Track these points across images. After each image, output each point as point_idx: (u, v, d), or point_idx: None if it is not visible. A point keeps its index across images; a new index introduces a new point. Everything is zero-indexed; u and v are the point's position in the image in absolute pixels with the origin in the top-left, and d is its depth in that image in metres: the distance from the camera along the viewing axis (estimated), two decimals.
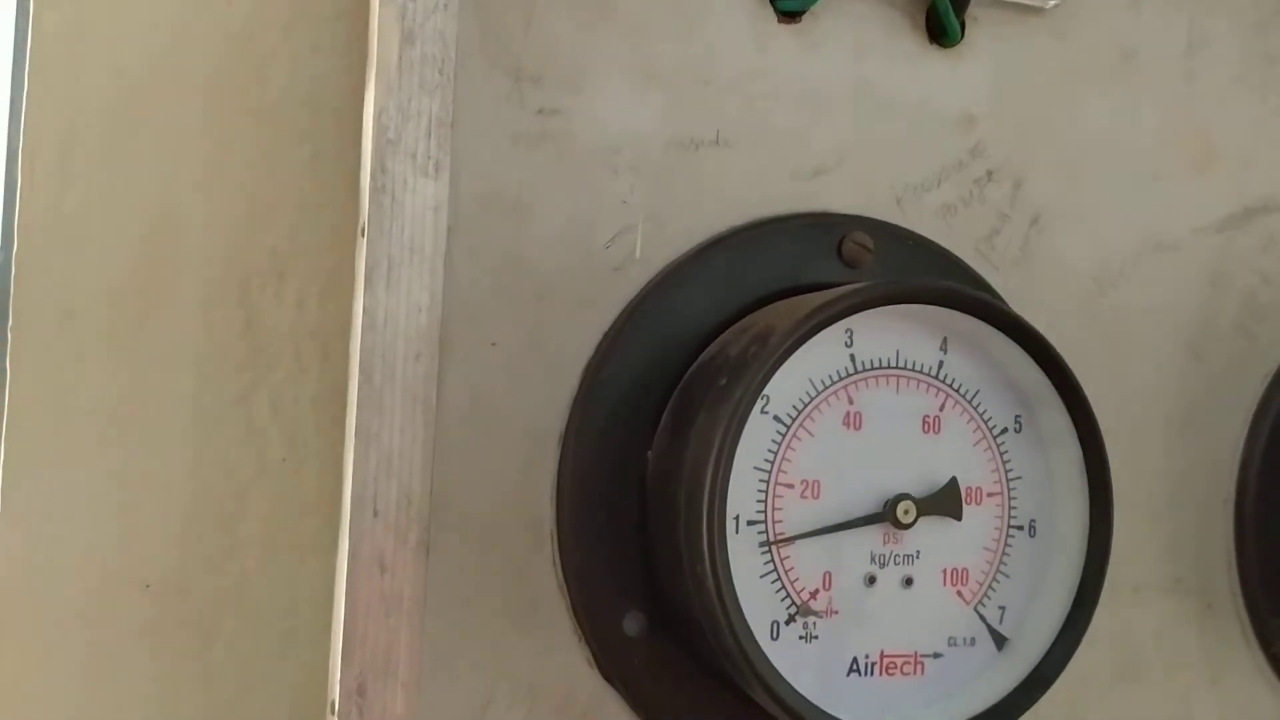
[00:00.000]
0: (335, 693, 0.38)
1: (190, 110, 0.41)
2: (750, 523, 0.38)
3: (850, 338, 0.39)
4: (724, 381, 0.38)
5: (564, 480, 0.40)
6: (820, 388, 0.39)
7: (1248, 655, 0.49)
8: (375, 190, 0.38)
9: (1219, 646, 0.49)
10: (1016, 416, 0.41)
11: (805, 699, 0.37)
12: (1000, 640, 0.41)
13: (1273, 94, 0.49)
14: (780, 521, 0.38)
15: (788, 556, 0.39)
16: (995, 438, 0.41)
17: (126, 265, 0.41)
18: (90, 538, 0.40)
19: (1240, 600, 0.49)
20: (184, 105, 0.41)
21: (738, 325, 0.41)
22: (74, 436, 0.40)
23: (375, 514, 0.38)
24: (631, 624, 0.41)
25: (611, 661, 0.41)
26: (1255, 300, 0.49)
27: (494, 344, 0.40)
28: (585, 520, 0.40)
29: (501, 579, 0.40)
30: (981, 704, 0.40)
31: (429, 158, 0.38)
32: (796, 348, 0.37)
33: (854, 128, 0.44)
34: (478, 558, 0.40)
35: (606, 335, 0.41)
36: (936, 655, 0.40)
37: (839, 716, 0.37)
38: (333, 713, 0.38)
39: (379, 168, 0.38)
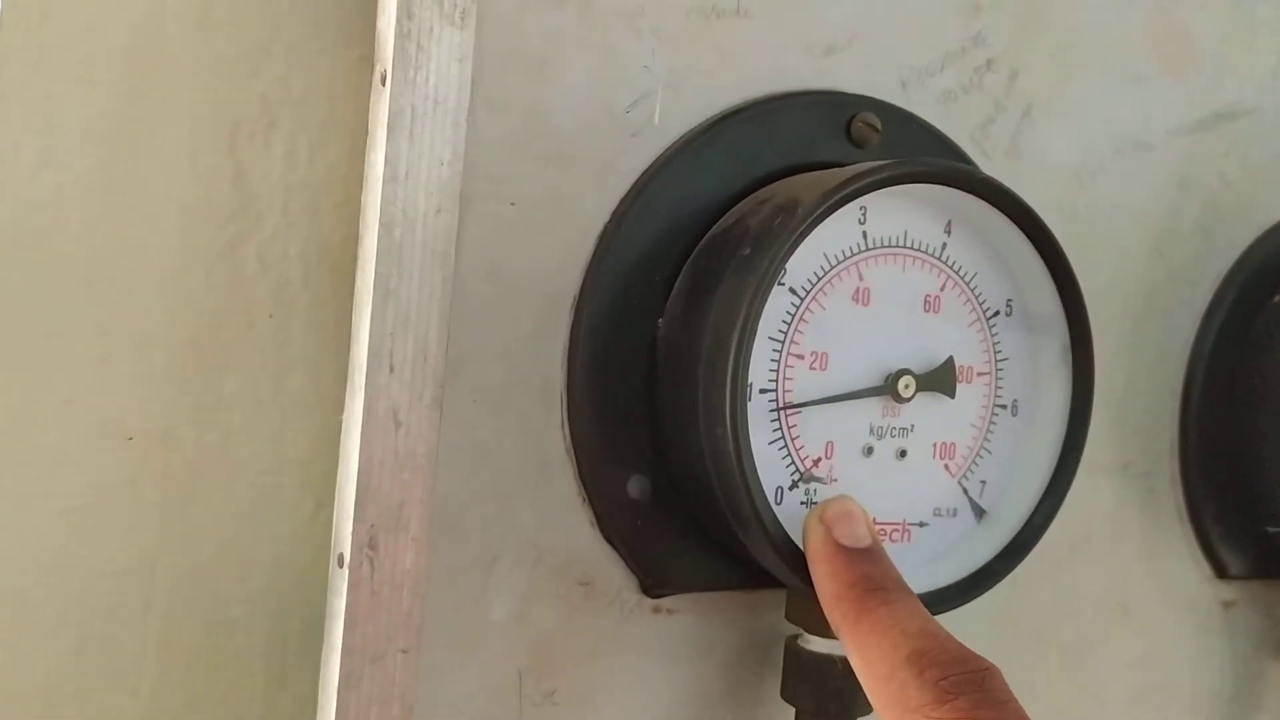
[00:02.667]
0: (345, 546, 0.38)
1: None
2: (762, 390, 0.39)
3: (864, 215, 0.40)
4: (747, 251, 0.38)
5: (575, 344, 0.41)
6: (834, 262, 0.40)
7: (1181, 535, 0.53)
8: (400, 37, 0.36)
9: (1156, 526, 0.52)
10: (1008, 300, 0.43)
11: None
12: (979, 512, 0.43)
13: (1249, 0, 0.51)
14: (790, 391, 0.39)
15: (795, 424, 0.40)
16: (988, 320, 0.43)
17: (111, 104, 0.39)
18: (72, 388, 0.39)
19: (1179, 485, 0.52)
20: None
21: (754, 197, 0.41)
22: (55, 284, 0.39)
23: (391, 370, 0.37)
24: (634, 487, 0.41)
25: (613, 523, 0.41)
26: (1215, 202, 0.51)
27: (513, 203, 0.39)
28: (594, 385, 0.41)
29: (511, 439, 0.40)
30: (962, 570, 0.42)
31: (456, 6, 0.37)
32: (822, 220, 0.38)
33: (866, 7, 0.44)
34: (489, 417, 0.40)
35: (623, 201, 0.41)
36: (922, 524, 0.42)
37: None
38: (341, 565, 0.38)
39: (405, 13, 0.36)
